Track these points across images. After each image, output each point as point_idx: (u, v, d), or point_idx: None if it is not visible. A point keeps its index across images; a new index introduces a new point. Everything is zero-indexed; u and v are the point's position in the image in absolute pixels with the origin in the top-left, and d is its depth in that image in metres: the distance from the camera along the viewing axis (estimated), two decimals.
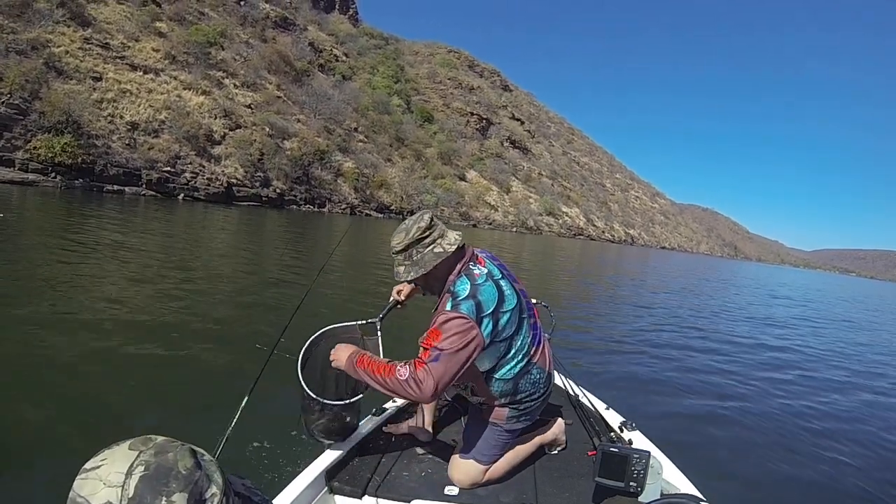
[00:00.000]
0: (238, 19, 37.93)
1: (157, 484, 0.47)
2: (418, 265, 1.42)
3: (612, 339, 5.78)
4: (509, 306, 1.42)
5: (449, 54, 70.25)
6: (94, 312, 3.86)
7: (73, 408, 2.43)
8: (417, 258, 1.43)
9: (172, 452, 0.52)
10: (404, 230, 1.45)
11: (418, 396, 1.29)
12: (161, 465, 0.49)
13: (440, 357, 1.28)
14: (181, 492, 0.48)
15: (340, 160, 32.29)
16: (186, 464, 0.51)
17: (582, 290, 10.93)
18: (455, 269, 1.44)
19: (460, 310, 1.33)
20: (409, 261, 1.44)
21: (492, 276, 1.44)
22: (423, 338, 1.35)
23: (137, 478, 0.47)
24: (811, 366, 6.04)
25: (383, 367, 1.33)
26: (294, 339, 1.71)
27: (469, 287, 1.37)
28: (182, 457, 0.52)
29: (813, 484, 2.80)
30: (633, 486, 1.35)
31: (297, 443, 2.26)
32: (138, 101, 21.55)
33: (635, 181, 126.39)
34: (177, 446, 0.54)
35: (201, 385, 2.91)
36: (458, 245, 1.44)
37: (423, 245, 1.42)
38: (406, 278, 1.45)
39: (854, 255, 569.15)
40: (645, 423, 1.93)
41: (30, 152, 16.22)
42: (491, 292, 1.39)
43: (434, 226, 1.45)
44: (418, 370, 1.29)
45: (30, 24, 19.48)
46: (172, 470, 0.49)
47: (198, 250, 8.34)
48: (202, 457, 0.55)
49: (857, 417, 4.11)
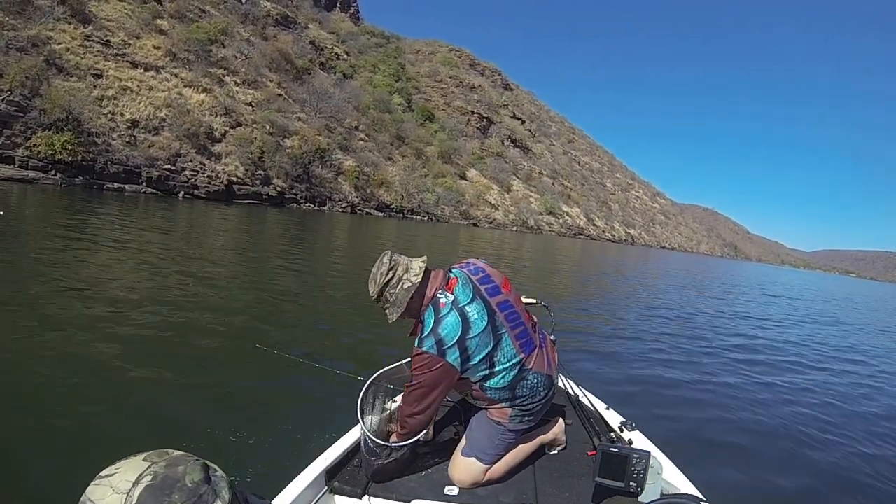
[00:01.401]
0: (239, 17, 37.87)
1: (160, 494, 0.49)
2: (396, 305, 1.51)
3: (613, 339, 5.78)
4: (476, 331, 1.45)
5: (450, 53, 70.12)
6: (92, 311, 3.86)
7: (72, 408, 2.43)
8: (393, 300, 1.50)
9: (183, 466, 0.53)
10: (372, 279, 1.53)
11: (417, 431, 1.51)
12: (168, 477, 0.51)
13: (412, 393, 1.47)
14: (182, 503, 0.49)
15: (341, 158, 32.28)
16: (194, 478, 0.52)
17: (582, 290, 10.93)
18: (426, 297, 1.51)
19: (422, 348, 1.45)
20: (387, 304, 1.51)
21: (457, 305, 1.47)
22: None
23: (143, 486, 0.49)
24: (811, 366, 6.04)
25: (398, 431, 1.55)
26: (294, 339, 1.70)
27: (432, 322, 1.46)
28: (192, 471, 0.53)
29: (813, 483, 2.80)
30: (633, 486, 1.35)
31: (297, 443, 2.26)
32: (139, 98, 21.53)
33: (636, 181, 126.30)
34: (190, 461, 0.55)
35: (201, 384, 2.91)
36: (422, 272, 1.51)
37: (391, 286, 1.50)
38: (393, 319, 1.53)
39: (854, 255, 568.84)
40: (645, 423, 1.92)
41: (30, 149, 16.22)
42: (453, 324, 1.44)
43: (395, 264, 1.51)
44: (403, 427, 1.51)
45: (30, 21, 19.46)
46: (178, 482, 0.51)
47: (198, 249, 8.33)
48: (214, 472, 0.56)
49: (858, 417, 4.11)
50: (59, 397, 2.47)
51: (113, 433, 2.21)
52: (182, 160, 21.38)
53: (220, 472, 0.57)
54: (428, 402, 1.47)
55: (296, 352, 3.03)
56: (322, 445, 1.59)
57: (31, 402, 2.41)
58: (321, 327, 4.61)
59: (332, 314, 5.17)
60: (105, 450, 2.05)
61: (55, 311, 3.73)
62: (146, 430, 2.29)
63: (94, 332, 3.38)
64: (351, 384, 2.06)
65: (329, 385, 2.94)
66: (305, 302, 5.48)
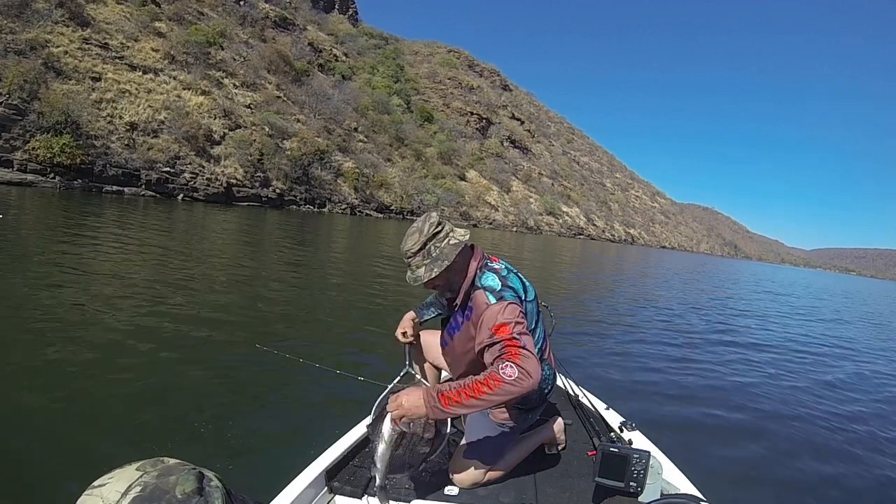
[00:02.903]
0: (237, 19, 37.89)
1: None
2: (440, 259, 1.39)
3: (613, 339, 5.78)
4: (531, 297, 1.48)
5: (449, 54, 70.22)
6: (90, 312, 3.85)
7: (69, 407, 2.42)
8: (437, 253, 1.39)
9: (176, 476, 0.52)
10: (417, 230, 1.43)
11: (532, 384, 1.18)
12: (158, 488, 0.50)
13: (522, 338, 1.24)
14: None
15: (340, 160, 32.29)
16: (185, 488, 0.51)
17: (582, 290, 10.93)
18: (472, 266, 1.45)
19: (506, 298, 1.32)
20: (428, 258, 1.40)
21: (510, 269, 1.48)
22: (490, 337, 1.26)
23: (131, 497, 0.48)
24: (812, 366, 6.04)
25: (477, 386, 1.19)
26: (294, 339, 1.70)
27: (498, 279, 1.39)
28: (184, 481, 0.52)
29: (813, 483, 2.80)
30: (633, 486, 1.35)
31: (297, 443, 2.26)
32: (137, 101, 21.53)
33: (635, 180, 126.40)
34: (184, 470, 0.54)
35: (201, 385, 2.90)
36: (468, 237, 1.45)
37: (438, 240, 1.41)
38: (429, 276, 1.38)
39: (854, 253, 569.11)
40: (645, 423, 1.92)
41: (28, 153, 16.22)
42: (517, 282, 1.44)
43: (443, 222, 1.46)
44: (519, 359, 1.18)
45: (28, 24, 19.47)
46: (167, 493, 0.50)
47: (197, 251, 8.33)
48: (209, 482, 0.55)
49: (858, 417, 4.11)
50: (59, 398, 2.47)
51: (110, 435, 2.21)
52: (181, 163, 21.38)
53: (215, 481, 0.56)
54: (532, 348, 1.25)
55: (296, 352, 3.02)
56: (322, 445, 1.59)
57: (32, 402, 2.40)
58: (321, 327, 4.60)
59: (333, 314, 5.16)
60: (105, 452, 2.05)
61: (53, 312, 3.72)
62: (145, 431, 2.29)
63: (92, 333, 3.38)
64: (351, 384, 2.06)
65: (329, 385, 2.94)
66: (305, 302, 5.47)
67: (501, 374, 1.18)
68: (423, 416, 1.23)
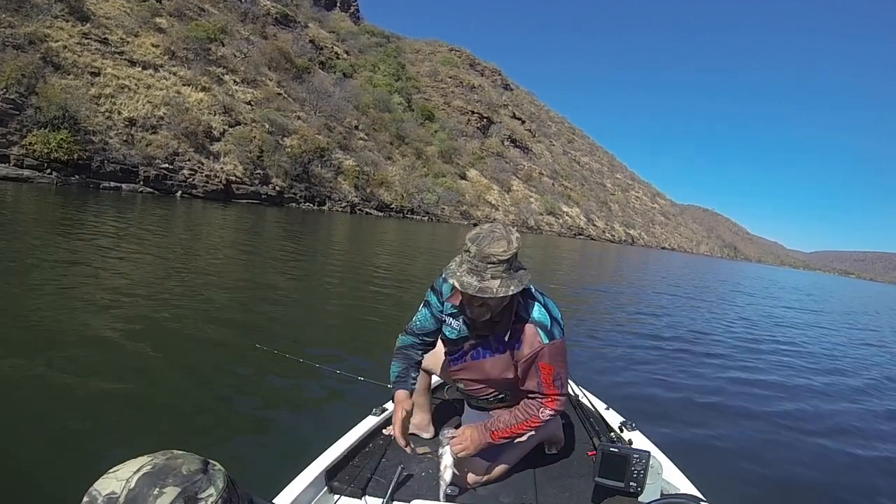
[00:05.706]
0: (238, 15, 37.75)
1: (156, 479, 0.53)
2: (518, 280, 1.27)
3: (613, 339, 5.78)
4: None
5: (450, 53, 70.06)
6: (88, 312, 3.84)
7: (71, 408, 2.42)
8: (517, 273, 1.28)
9: (182, 459, 0.57)
10: (503, 238, 1.25)
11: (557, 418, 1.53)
12: (166, 466, 0.55)
13: (563, 386, 1.44)
14: (175, 486, 0.53)
15: (341, 158, 32.22)
16: (190, 467, 0.56)
17: (582, 290, 10.93)
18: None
19: (556, 337, 1.39)
20: (507, 273, 1.25)
21: (542, 294, 1.47)
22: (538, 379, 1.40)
23: (141, 473, 0.54)
24: (812, 366, 6.05)
25: (521, 427, 1.44)
26: (294, 339, 1.69)
27: (544, 310, 1.40)
28: (189, 462, 0.57)
29: (813, 483, 2.80)
30: (633, 486, 1.35)
31: (297, 442, 2.25)
32: (137, 96, 21.44)
33: (636, 181, 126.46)
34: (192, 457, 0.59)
35: (201, 385, 2.90)
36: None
37: (517, 258, 1.28)
38: (504, 292, 1.23)
39: (853, 256, 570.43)
40: (645, 423, 1.92)
41: (25, 148, 16.12)
42: (556, 311, 1.44)
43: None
44: (556, 406, 1.43)
45: (27, 18, 19.35)
46: (174, 470, 0.55)
47: (196, 248, 8.31)
48: (213, 467, 0.59)
49: (858, 417, 4.12)
50: (58, 399, 2.46)
51: (111, 435, 2.20)
52: (180, 159, 21.30)
53: (219, 467, 0.60)
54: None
55: (296, 352, 3.02)
56: (322, 445, 1.59)
57: (31, 403, 2.39)
58: (321, 327, 4.60)
59: (333, 314, 5.16)
60: (103, 453, 2.04)
61: (50, 311, 3.71)
62: (145, 430, 2.28)
63: (91, 333, 3.37)
64: (351, 384, 2.06)
65: (329, 385, 2.94)
66: (305, 302, 5.46)
67: (540, 416, 1.43)
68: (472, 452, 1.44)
